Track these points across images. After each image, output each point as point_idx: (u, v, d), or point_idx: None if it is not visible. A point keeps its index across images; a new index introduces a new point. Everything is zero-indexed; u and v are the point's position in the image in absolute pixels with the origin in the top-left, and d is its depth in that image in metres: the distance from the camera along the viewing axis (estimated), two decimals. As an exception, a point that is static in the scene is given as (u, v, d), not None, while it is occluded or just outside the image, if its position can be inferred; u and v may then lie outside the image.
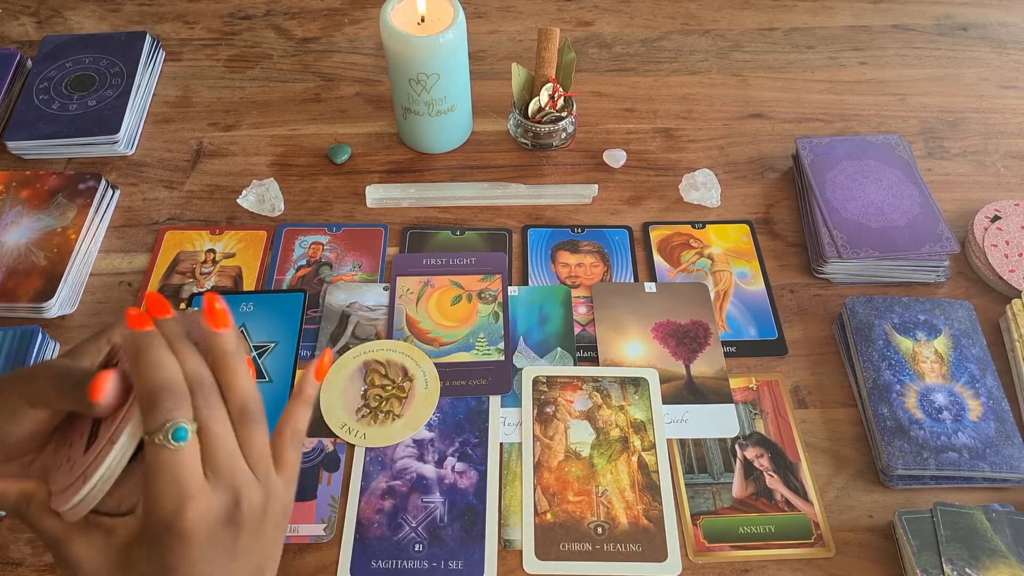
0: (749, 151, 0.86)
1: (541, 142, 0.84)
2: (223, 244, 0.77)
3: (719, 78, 0.94)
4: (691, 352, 0.70)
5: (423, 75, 0.75)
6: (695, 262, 0.76)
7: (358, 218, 0.80)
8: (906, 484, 0.62)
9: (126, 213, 0.80)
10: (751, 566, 0.59)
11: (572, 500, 0.61)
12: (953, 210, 0.81)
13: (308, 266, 0.76)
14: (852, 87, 0.93)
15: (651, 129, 0.88)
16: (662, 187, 0.83)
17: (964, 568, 0.55)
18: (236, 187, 0.81)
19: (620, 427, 0.65)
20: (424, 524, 0.60)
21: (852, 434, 0.66)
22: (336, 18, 1.01)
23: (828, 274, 0.75)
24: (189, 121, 0.89)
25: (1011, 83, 0.94)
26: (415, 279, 0.74)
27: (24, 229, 0.75)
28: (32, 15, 1.02)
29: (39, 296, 0.70)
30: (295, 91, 0.92)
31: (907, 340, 0.67)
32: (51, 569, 0.59)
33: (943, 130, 0.89)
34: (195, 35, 0.99)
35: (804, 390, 0.68)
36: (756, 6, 1.03)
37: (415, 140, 0.84)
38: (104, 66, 0.89)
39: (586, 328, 0.72)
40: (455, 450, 0.64)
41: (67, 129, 0.83)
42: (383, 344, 0.69)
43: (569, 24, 1.01)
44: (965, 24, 1.01)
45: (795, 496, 0.62)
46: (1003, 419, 0.63)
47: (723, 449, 0.64)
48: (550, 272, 0.75)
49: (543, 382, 0.67)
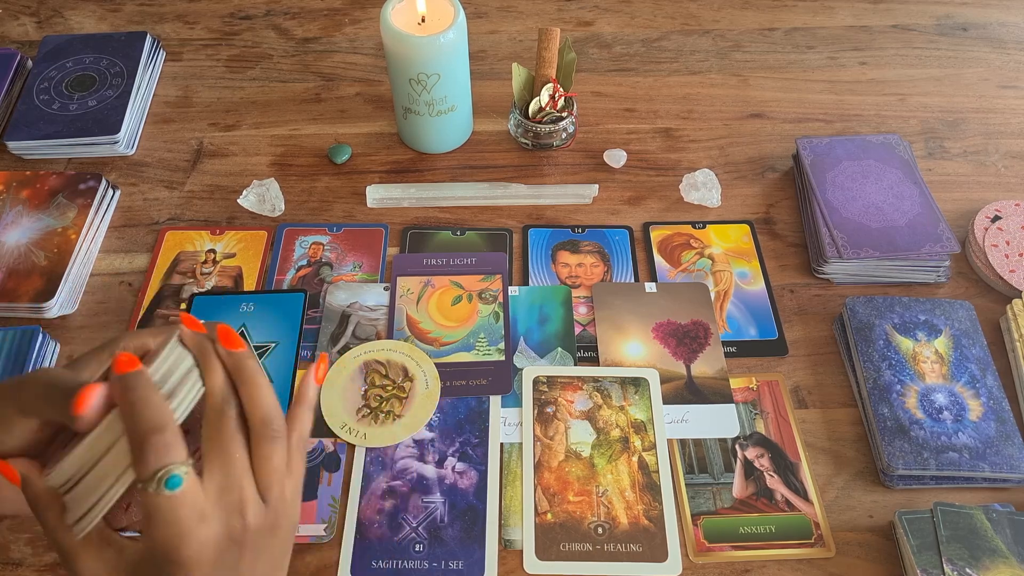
0: (749, 151, 0.86)
1: (541, 142, 0.84)
2: (223, 244, 0.77)
3: (719, 78, 0.94)
4: (691, 352, 0.70)
5: (423, 75, 0.75)
6: (695, 262, 0.76)
7: (358, 218, 0.80)
8: (906, 484, 0.62)
9: (126, 213, 0.80)
10: (751, 566, 0.59)
11: (572, 500, 0.61)
12: (953, 210, 0.81)
13: (308, 266, 0.76)
14: (852, 87, 0.93)
15: (651, 129, 0.88)
16: (662, 187, 0.83)
17: (964, 568, 0.55)
18: (236, 187, 0.81)
19: (620, 427, 0.65)
20: (424, 524, 0.60)
21: (852, 434, 0.66)
22: (336, 18, 1.01)
23: (828, 274, 0.75)
24: (189, 121, 0.89)
25: (1011, 83, 0.94)
26: (415, 279, 0.74)
27: (24, 229, 0.75)
28: (32, 15, 1.02)
29: (39, 296, 0.70)
30: (295, 91, 0.92)
31: (907, 340, 0.67)
32: (51, 569, 0.59)
33: (943, 130, 0.89)
34: (195, 35, 0.99)
35: (804, 390, 0.68)
36: (756, 6, 1.03)
37: (415, 140, 0.84)
38: (104, 66, 0.89)
39: (586, 328, 0.72)
40: (455, 450, 0.64)
41: (67, 129, 0.83)
42: (383, 344, 0.69)
43: (569, 24, 1.01)
44: (965, 24, 1.01)
45: (795, 496, 0.62)
46: (1003, 419, 0.63)
47: (723, 449, 0.64)
48: (550, 272, 0.75)
49: (543, 382, 0.68)
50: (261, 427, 0.39)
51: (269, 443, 0.39)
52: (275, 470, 0.39)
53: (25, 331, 0.68)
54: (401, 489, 0.62)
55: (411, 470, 0.63)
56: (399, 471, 0.63)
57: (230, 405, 0.39)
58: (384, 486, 0.62)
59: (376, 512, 0.61)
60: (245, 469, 0.39)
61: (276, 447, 0.39)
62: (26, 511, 0.39)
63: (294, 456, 0.41)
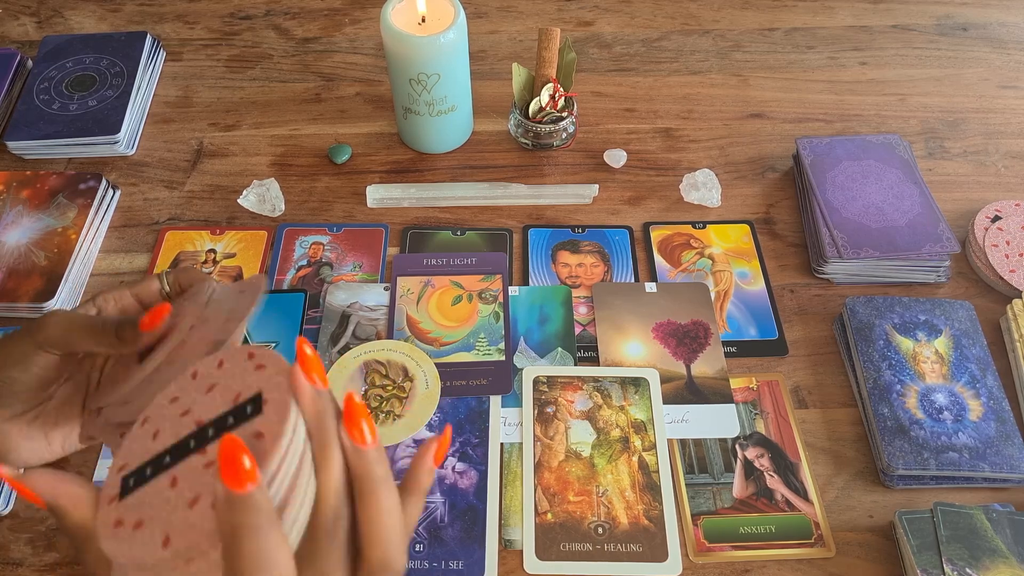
0: (749, 151, 0.86)
1: (541, 142, 0.84)
2: (223, 244, 0.77)
3: (719, 78, 0.94)
4: (691, 352, 0.70)
5: (423, 75, 0.75)
6: (695, 262, 0.76)
7: (359, 218, 0.80)
8: (906, 484, 0.62)
9: (126, 213, 0.80)
10: (751, 566, 0.59)
11: (572, 500, 0.61)
12: (953, 210, 0.81)
13: (309, 266, 0.76)
14: (852, 87, 0.93)
15: (651, 129, 0.88)
16: (662, 187, 0.83)
17: (964, 568, 0.55)
18: (236, 187, 0.81)
19: (620, 427, 0.65)
20: (424, 524, 0.60)
21: (852, 434, 0.66)
22: (336, 18, 1.01)
23: (828, 274, 0.75)
24: (189, 121, 0.89)
25: (1011, 83, 0.94)
26: (416, 279, 0.74)
27: (24, 229, 0.75)
28: (32, 15, 1.02)
29: (39, 296, 0.70)
30: (295, 91, 0.92)
31: (907, 340, 0.67)
32: (51, 569, 0.59)
33: (943, 130, 0.89)
34: (195, 35, 0.99)
35: (804, 390, 0.68)
36: (756, 6, 1.03)
37: (415, 140, 0.84)
38: (104, 66, 0.89)
39: (586, 328, 0.72)
40: (456, 450, 0.64)
41: (67, 129, 0.83)
42: (384, 344, 0.69)
43: (569, 24, 1.01)
44: (965, 24, 1.01)
45: (795, 496, 0.62)
46: (1003, 419, 0.63)
47: (723, 449, 0.64)
48: (550, 272, 0.75)
49: (543, 382, 0.68)
50: (379, 569, 0.29)
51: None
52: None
53: (25, 331, 0.68)
54: (401, 489, 0.62)
55: (411, 470, 0.63)
56: (399, 471, 0.63)
57: (341, 525, 0.29)
58: (384, 486, 0.62)
59: (376, 512, 0.61)
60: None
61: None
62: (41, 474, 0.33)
63: (399, 557, 0.31)
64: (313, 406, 0.28)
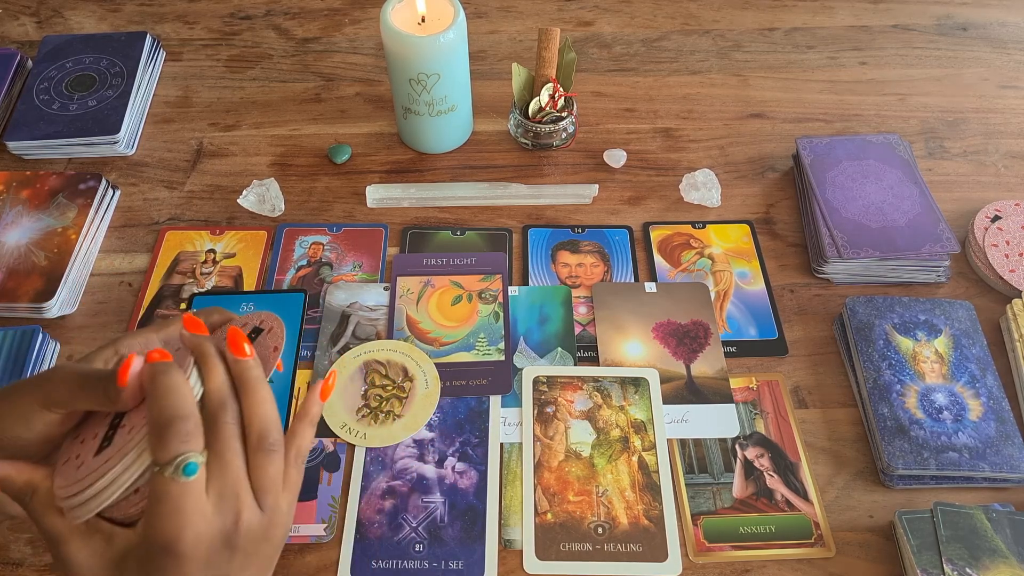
0: (749, 151, 0.86)
1: (541, 142, 0.84)
2: (223, 244, 0.77)
3: (719, 78, 0.94)
4: (691, 352, 0.70)
5: (423, 75, 0.75)
6: (695, 262, 0.76)
7: (358, 218, 0.80)
8: (906, 484, 0.62)
9: (126, 213, 0.80)
10: (751, 566, 0.59)
11: (572, 500, 0.61)
12: (953, 210, 0.81)
13: (308, 266, 0.76)
14: (852, 87, 0.93)
15: (651, 129, 0.88)
16: (662, 187, 0.83)
17: (964, 568, 0.55)
18: (236, 187, 0.81)
19: (620, 427, 0.65)
20: (424, 524, 0.60)
21: (852, 434, 0.66)
22: (336, 18, 1.01)
23: (828, 274, 0.75)
24: (189, 121, 0.89)
25: (1011, 83, 0.94)
26: (415, 279, 0.74)
27: (24, 229, 0.75)
28: (32, 15, 1.02)
29: (39, 296, 0.70)
30: (295, 91, 0.92)
31: (907, 340, 0.67)
32: (51, 569, 0.59)
33: (943, 130, 0.89)
34: (195, 35, 0.99)
35: (804, 390, 0.68)
36: (756, 6, 1.03)
37: (415, 140, 0.84)
38: (104, 66, 0.89)
39: (586, 328, 0.72)
40: (455, 450, 0.64)
41: (67, 129, 0.83)
42: (383, 344, 0.69)
43: (569, 24, 1.01)
44: (965, 24, 1.01)
45: (795, 496, 0.62)
46: (1003, 419, 0.63)
47: (723, 449, 0.64)
48: (550, 272, 0.75)
49: (543, 382, 0.68)
50: (258, 439, 0.40)
51: (265, 455, 0.40)
52: (271, 481, 0.40)
53: (25, 331, 0.68)
54: (401, 489, 0.62)
55: (411, 470, 0.63)
56: (399, 471, 0.63)
57: (227, 411, 0.39)
58: (384, 486, 0.62)
59: (376, 512, 0.61)
60: (242, 476, 0.39)
61: (272, 459, 0.40)
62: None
63: (291, 470, 0.42)
64: (191, 341, 0.41)
